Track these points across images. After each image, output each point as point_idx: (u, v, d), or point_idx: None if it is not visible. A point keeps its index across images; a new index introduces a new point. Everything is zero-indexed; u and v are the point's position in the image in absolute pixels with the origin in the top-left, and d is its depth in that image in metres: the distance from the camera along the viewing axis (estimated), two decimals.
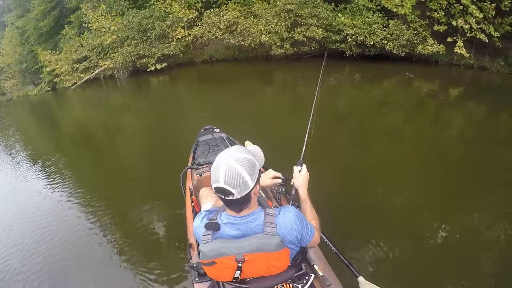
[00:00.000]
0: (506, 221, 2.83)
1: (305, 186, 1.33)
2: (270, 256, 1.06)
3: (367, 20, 8.19)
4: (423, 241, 2.52)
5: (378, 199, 3.09)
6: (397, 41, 8.02)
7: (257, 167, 1.06)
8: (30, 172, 5.11)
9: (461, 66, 8.77)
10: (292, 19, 8.53)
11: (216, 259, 1.06)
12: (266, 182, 1.45)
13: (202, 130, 3.03)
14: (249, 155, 1.06)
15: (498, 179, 3.46)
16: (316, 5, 8.59)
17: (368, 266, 2.19)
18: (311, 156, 1.80)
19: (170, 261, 2.59)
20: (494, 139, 4.83)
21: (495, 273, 2.23)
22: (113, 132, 6.71)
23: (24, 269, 2.79)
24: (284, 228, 1.07)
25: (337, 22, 8.38)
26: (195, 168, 2.45)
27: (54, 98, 12.96)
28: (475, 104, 6.45)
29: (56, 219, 3.47)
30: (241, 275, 1.10)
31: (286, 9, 8.41)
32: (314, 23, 8.34)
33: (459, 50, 8.14)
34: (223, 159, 1.03)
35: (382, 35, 8.06)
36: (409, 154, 4.16)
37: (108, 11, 10.97)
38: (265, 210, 1.10)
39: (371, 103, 6.73)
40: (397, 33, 7.99)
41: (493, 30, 7.95)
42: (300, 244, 1.16)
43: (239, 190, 1.00)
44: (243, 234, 1.08)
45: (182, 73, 10.63)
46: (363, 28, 8.09)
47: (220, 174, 1.00)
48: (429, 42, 8.13)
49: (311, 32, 8.32)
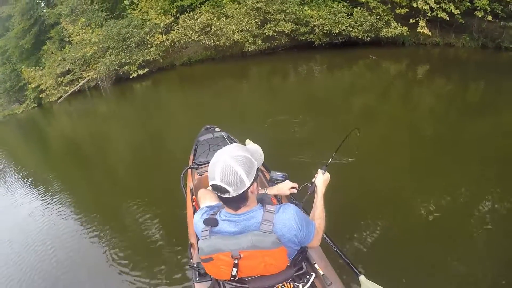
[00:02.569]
0: (492, 193, 3.09)
1: (324, 185, 1.48)
2: (266, 254, 1.11)
3: (332, 10, 9.28)
4: (424, 240, 2.63)
5: (378, 198, 3.21)
6: (361, 27, 9.09)
7: (254, 166, 1.11)
8: (25, 189, 5.22)
9: (427, 45, 9.91)
10: (262, 16, 9.63)
11: (213, 255, 1.13)
12: (285, 192, 1.61)
13: (203, 130, 3.13)
14: (246, 153, 1.11)
15: (473, 149, 3.88)
16: (283, 1, 9.66)
17: (370, 265, 2.26)
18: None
19: (171, 261, 2.74)
20: (463, 110, 5.39)
21: (495, 270, 2.34)
22: (104, 141, 7.13)
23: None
24: (283, 227, 1.12)
25: (304, 15, 9.46)
26: (195, 168, 2.57)
27: (41, 114, 13.53)
28: (443, 79, 7.28)
29: (56, 227, 3.69)
30: (238, 273, 1.15)
31: (255, 7, 9.51)
32: (283, 18, 9.44)
33: (421, 30, 9.23)
34: (220, 156, 1.08)
35: (347, 23, 9.14)
36: (387, 135, 4.48)
37: (87, 24, 11.93)
38: (265, 206, 1.15)
39: (341, 88, 7.55)
40: (361, 19, 9.07)
41: (453, 8, 9.00)
42: (301, 243, 1.21)
43: (235, 188, 1.05)
44: (240, 231, 1.13)
45: (163, 76, 11.56)
46: (328, 18, 9.18)
47: (216, 172, 1.06)
48: (392, 25, 9.18)
49: (280, 27, 9.43)
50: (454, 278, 2.29)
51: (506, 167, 3.48)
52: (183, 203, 2.36)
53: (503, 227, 2.72)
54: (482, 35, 9.43)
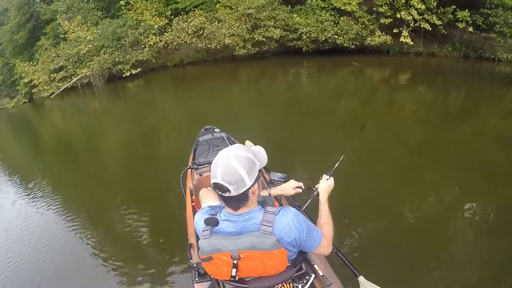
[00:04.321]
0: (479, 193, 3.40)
1: (327, 191, 1.51)
2: (265, 255, 1.15)
3: (320, 18, 10.10)
4: (423, 241, 2.75)
5: (378, 198, 3.39)
6: (346, 36, 9.92)
7: (256, 167, 1.17)
8: (20, 189, 5.18)
9: (410, 54, 10.78)
10: (252, 22, 10.43)
11: (213, 254, 1.17)
12: (289, 192, 1.63)
13: (202, 130, 3.23)
14: (249, 153, 1.17)
15: (457, 153, 4.26)
16: (274, 8, 10.50)
17: (369, 266, 2.30)
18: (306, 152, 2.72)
19: (170, 261, 2.83)
20: (445, 115, 5.78)
21: (494, 266, 2.50)
22: (97, 140, 7.36)
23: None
24: (282, 229, 1.16)
25: (293, 22, 10.29)
26: (195, 168, 2.64)
27: (33, 109, 13.90)
28: (424, 87, 7.79)
29: (52, 229, 3.72)
30: (238, 273, 1.20)
31: (246, 13, 10.29)
32: (272, 24, 10.27)
33: (404, 39, 10.10)
34: (223, 155, 1.15)
35: (333, 31, 9.96)
36: (372, 140, 4.53)
37: (83, 22, 12.64)
38: (265, 208, 1.20)
39: (326, 93, 8.19)
40: (347, 28, 9.89)
41: (436, 19, 9.85)
42: (300, 247, 1.25)
43: (235, 187, 1.11)
44: (239, 231, 1.18)
45: (156, 77, 12.27)
46: (316, 26, 9.98)
47: (218, 170, 1.12)
48: (376, 34, 10.02)
49: (270, 33, 10.26)
50: (452, 278, 2.40)
51: (489, 169, 3.89)
52: (182, 203, 2.44)
53: (496, 227, 2.95)
54: (465, 45, 10.25)
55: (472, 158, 4.21)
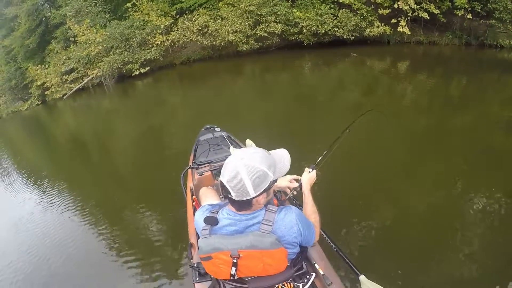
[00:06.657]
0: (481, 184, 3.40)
1: (309, 182, 1.59)
2: (265, 254, 1.20)
3: (319, 12, 10.98)
4: (425, 239, 2.80)
5: (379, 194, 3.46)
6: (346, 28, 10.75)
7: (268, 179, 1.19)
8: (28, 186, 5.68)
9: (411, 43, 11.46)
10: (254, 18, 11.38)
11: (212, 253, 1.23)
12: (281, 184, 1.68)
13: (203, 130, 3.32)
14: (263, 164, 1.18)
15: (459, 141, 4.39)
16: (275, 4, 11.41)
17: (370, 265, 2.37)
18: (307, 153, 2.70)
19: (171, 261, 2.92)
20: (447, 103, 5.99)
21: (494, 264, 2.53)
22: (108, 138, 7.79)
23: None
24: (284, 228, 1.22)
25: (293, 17, 11.19)
26: (195, 168, 2.73)
27: (46, 111, 14.71)
28: (425, 75, 8.16)
29: (56, 225, 3.97)
30: (237, 272, 1.26)
31: (248, 10, 11.26)
32: (273, 19, 11.19)
33: (402, 29, 10.81)
34: (235, 159, 1.18)
35: (332, 23, 10.80)
36: (374, 131, 4.58)
37: (91, 24, 13.72)
38: (266, 206, 1.25)
39: (328, 84, 8.83)
40: (346, 20, 10.74)
41: (433, 8, 10.47)
42: (301, 244, 1.33)
43: (237, 194, 1.16)
44: (240, 231, 1.23)
45: (164, 74, 13.27)
46: (315, 19, 10.86)
47: (225, 172, 1.18)
48: (375, 24, 10.79)
49: (272, 28, 11.22)
50: (455, 276, 2.46)
51: (492, 157, 3.98)
52: (183, 202, 2.51)
53: (501, 221, 2.97)
54: (466, 33, 10.81)
55: (474, 147, 4.27)
